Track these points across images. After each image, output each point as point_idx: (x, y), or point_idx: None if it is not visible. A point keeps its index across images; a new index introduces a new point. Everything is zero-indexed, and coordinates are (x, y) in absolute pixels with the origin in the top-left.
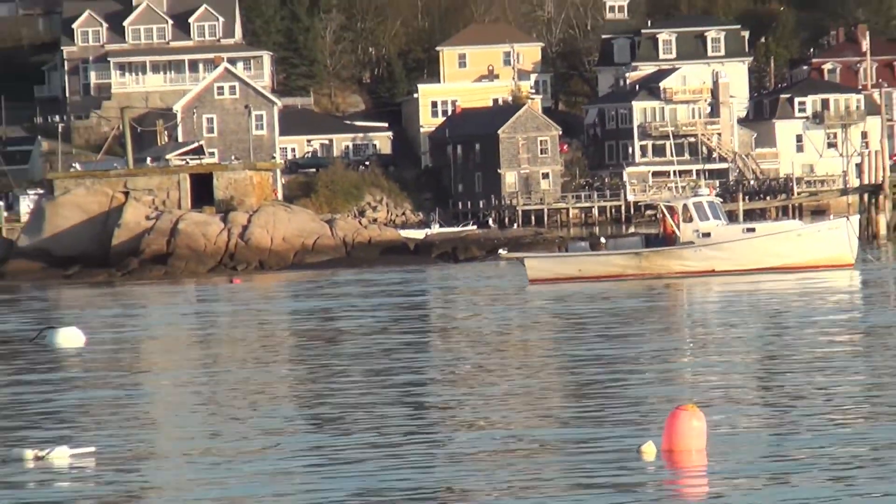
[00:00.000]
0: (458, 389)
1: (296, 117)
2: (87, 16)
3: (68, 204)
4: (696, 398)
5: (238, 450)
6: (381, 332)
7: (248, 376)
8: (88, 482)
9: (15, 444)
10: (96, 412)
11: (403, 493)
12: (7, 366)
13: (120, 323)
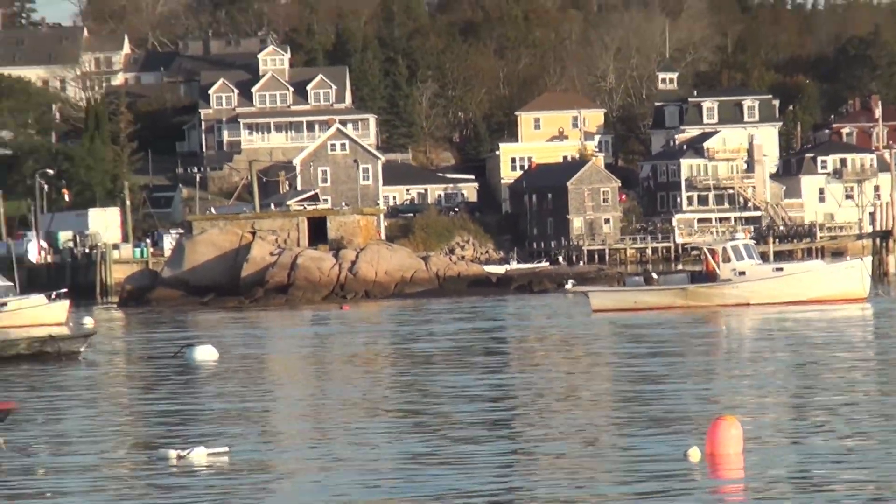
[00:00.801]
0: (533, 399)
1: (396, 170)
2: (221, 83)
3: (204, 242)
4: (733, 410)
5: (347, 452)
6: (469, 351)
7: (355, 388)
8: (222, 478)
9: (161, 445)
10: (228, 417)
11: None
12: (154, 377)
13: (248, 342)
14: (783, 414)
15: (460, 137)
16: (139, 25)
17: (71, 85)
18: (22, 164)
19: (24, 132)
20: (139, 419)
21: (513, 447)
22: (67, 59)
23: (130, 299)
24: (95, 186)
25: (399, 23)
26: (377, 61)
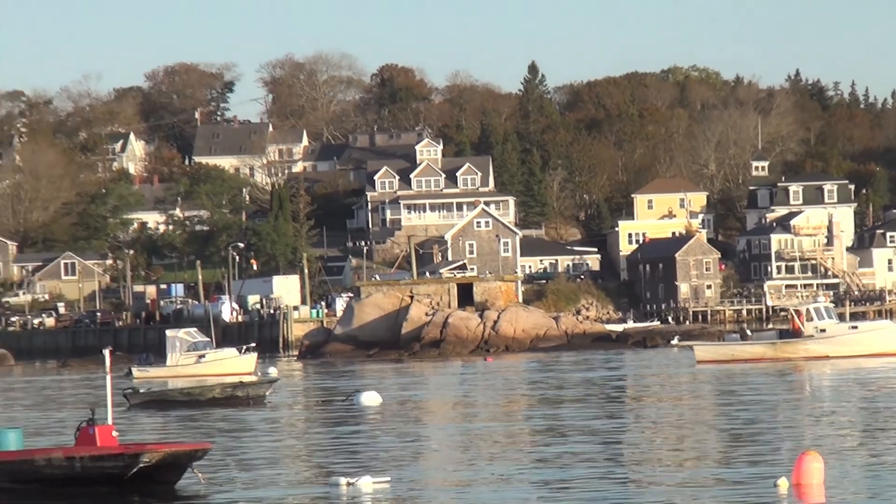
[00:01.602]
0: (647, 434)
1: (532, 243)
2: (384, 170)
3: (370, 304)
4: (816, 446)
5: (494, 478)
6: (594, 395)
7: (498, 426)
8: (386, 502)
9: (333, 473)
10: (390, 451)
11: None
12: (327, 417)
13: (407, 388)
14: (859, 450)
15: (585, 216)
16: (316, 122)
17: (258, 172)
18: (217, 238)
19: (220, 211)
20: (315, 452)
21: (629, 476)
22: (255, 150)
23: (308, 352)
24: (279, 257)
25: (534, 119)
26: (515, 152)
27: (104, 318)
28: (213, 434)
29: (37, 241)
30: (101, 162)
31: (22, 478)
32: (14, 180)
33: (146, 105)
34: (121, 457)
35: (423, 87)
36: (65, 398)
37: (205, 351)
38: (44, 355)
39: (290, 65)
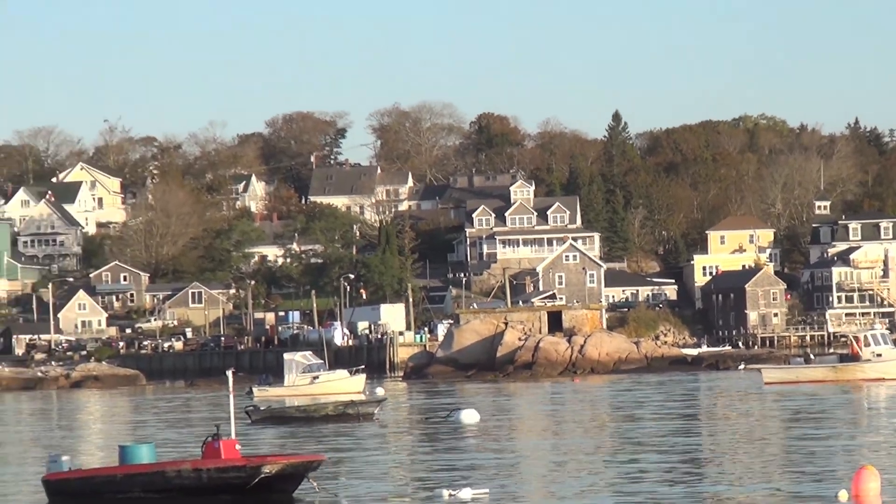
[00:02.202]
0: (720, 449)
1: (615, 275)
2: (482, 209)
3: (469, 330)
4: (873, 460)
5: (584, 490)
6: (672, 413)
7: (587, 442)
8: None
9: (436, 485)
10: (488, 465)
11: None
12: (430, 433)
13: (503, 407)
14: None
15: (664, 250)
16: (420, 165)
17: (367, 210)
18: (330, 269)
19: (332, 246)
20: (419, 465)
21: (702, 490)
22: (365, 190)
23: (412, 374)
24: (386, 287)
25: (617, 163)
26: (601, 192)
27: (227, 343)
28: (326, 448)
29: (167, 272)
30: (225, 201)
31: (154, 488)
32: (147, 217)
33: (266, 149)
34: (243, 468)
35: (517, 133)
36: (192, 415)
37: (319, 372)
38: (173, 376)
39: (397, 113)
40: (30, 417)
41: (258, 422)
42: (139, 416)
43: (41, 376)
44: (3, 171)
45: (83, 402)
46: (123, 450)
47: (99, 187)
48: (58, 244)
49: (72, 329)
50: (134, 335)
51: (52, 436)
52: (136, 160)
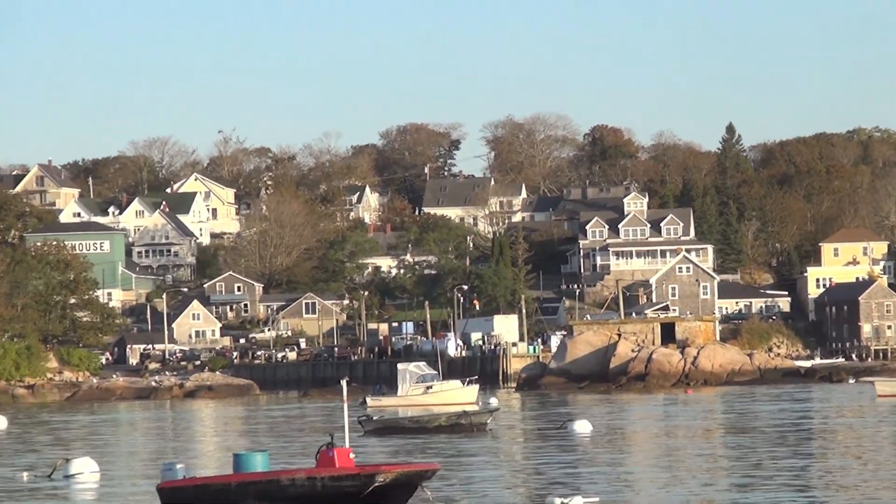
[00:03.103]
0: (835, 458)
1: (728, 287)
2: (595, 220)
3: (582, 341)
4: None
5: (697, 500)
6: (785, 424)
7: (699, 452)
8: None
9: (548, 494)
10: (600, 474)
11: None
12: (543, 444)
13: (615, 418)
14: None
15: (777, 262)
16: (533, 176)
17: (481, 221)
18: (443, 280)
19: (446, 257)
20: (532, 475)
21: (818, 497)
22: (479, 201)
23: (525, 384)
24: (499, 298)
25: (730, 175)
26: (714, 204)
27: (341, 353)
28: (439, 457)
29: (281, 282)
30: (339, 212)
31: (269, 497)
32: (261, 228)
33: (380, 161)
34: (358, 476)
35: (630, 145)
36: (306, 424)
37: (432, 382)
38: (286, 386)
39: (511, 125)
40: (144, 427)
41: (371, 431)
42: (252, 426)
43: (155, 386)
44: (119, 181)
45: (197, 411)
46: (238, 458)
47: (213, 198)
48: (172, 254)
49: (186, 339)
50: (247, 345)
51: (166, 445)
52: (251, 171)
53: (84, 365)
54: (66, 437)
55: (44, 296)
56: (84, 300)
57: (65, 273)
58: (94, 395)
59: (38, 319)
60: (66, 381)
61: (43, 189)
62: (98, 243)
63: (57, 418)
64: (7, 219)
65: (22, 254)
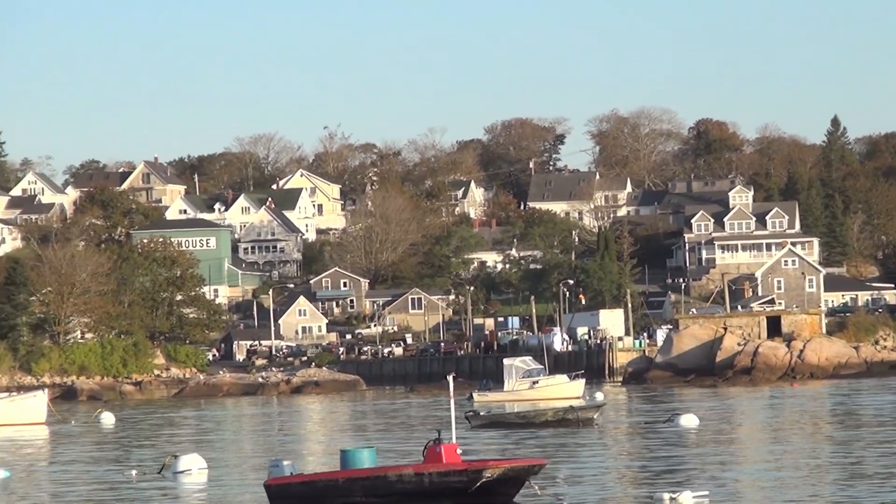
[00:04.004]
0: None
1: (834, 280)
2: (700, 214)
3: (687, 335)
4: None
5: (807, 496)
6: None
7: (805, 446)
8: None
9: (657, 490)
10: (708, 468)
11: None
12: (650, 438)
13: (722, 412)
14: None
15: (883, 255)
16: (638, 170)
17: (586, 215)
18: (549, 275)
19: (551, 251)
20: (639, 469)
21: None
22: (584, 196)
23: (631, 379)
24: (605, 293)
25: (836, 167)
26: (819, 197)
27: (447, 348)
28: (546, 453)
29: (387, 278)
30: (444, 207)
31: (376, 492)
32: (367, 224)
33: (485, 156)
34: (465, 472)
35: (735, 138)
36: (412, 420)
37: (538, 377)
38: (392, 381)
39: (616, 119)
40: (251, 423)
41: (478, 426)
42: (359, 421)
43: (262, 382)
44: (224, 178)
45: (303, 407)
46: (345, 454)
47: (319, 194)
48: (278, 251)
49: (292, 335)
50: (354, 341)
51: (273, 441)
52: (356, 167)
53: (191, 361)
54: (173, 433)
55: (150, 293)
56: (191, 297)
57: (171, 270)
58: (201, 391)
59: (145, 316)
60: (173, 377)
61: (149, 186)
62: (204, 240)
63: (164, 415)
64: (114, 216)
65: (129, 251)
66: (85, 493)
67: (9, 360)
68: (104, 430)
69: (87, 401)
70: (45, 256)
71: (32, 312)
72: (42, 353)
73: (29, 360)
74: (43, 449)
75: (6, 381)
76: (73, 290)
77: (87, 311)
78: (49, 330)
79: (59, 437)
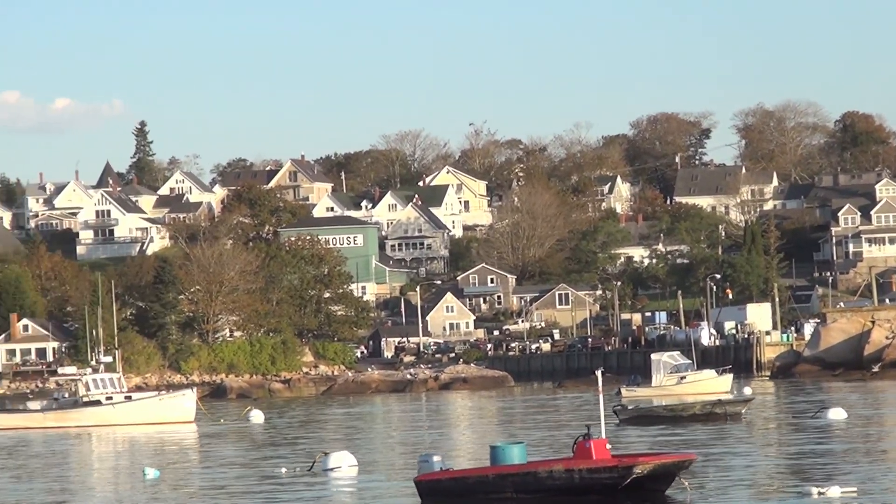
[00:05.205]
0: None
1: None
2: (847, 207)
3: (835, 328)
4: None
5: None
6: None
7: None
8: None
9: (805, 484)
10: (857, 463)
11: None
12: (798, 432)
13: (870, 406)
14: None
15: None
16: (784, 164)
17: (732, 210)
18: (696, 270)
19: (698, 246)
20: (788, 464)
21: None
22: (730, 190)
23: (778, 373)
24: (751, 287)
25: None
26: None
27: (594, 343)
28: (694, 447)
29: (533, 274)
30: (590, 202)
31: (525, 489)
32: (513, 220)
33: (631, 151)
34: (615, 468)
35: (881, 131)
36: (560, 416)
37: (686, 372)
38: (540, 377)
39: (761, 113)
40: (400, 419)
41: (626, 422)
42: (508, 417)
43: (410, 378)
44: (371, 175)
45: (452, 403)
46: (495, 450)
47: (465, 190)
48: (425, 247)
49: (440, 331)
50: (501, 337)
51: (423, 437)
52: (502, 163)
53: (339, 358)
54: (322, 430)
55: (298, 290)
56: (338, 294)
57: (319, 267)
58: (350, 388)
59: (293, 314)
60: (322, 374)
61: (296, 184)
62: (351, 237)
63: (313, 412)
64: (261, 214)
65: (276, 249)
66: (235, 491)
67: (158, 359)
68: (253, 428)
69: (236, 399)
70: (193, 255)
71: (181, 311)
72: (191, 351)
73: (178, 359)
74: (192, 448)
75: (156, 380)
76: (221, 288)
77: (235, 310)
78: (198, 328)
79: (208, 436)
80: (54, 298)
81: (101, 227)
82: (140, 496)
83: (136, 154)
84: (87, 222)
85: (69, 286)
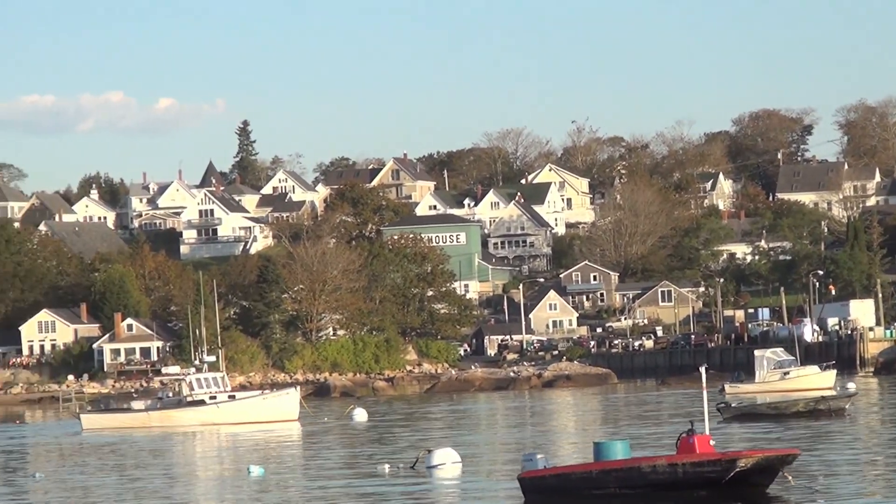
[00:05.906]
0: None
1: None
2: None
3: None
4: None
5: None
6: None
7: None
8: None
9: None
10: None
11: None
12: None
13: None
14: None
15: None
16: (886, 160)
17: (835, 206)
18: (798, 266)
19: (800, 242)
20: (894, 460)
21: None
22: (832, 186)
23: (882, 369)
24: (855, 283)
25: None
26: None
27: (698, 340)
28: (798, 443)
29: (636, 271)
30: (693, 199)
31: (629, 484)
32: (615, 217)
33: (733, 147)
34: (719, 462)
35: None
36: (663, 412)
37: (790, 368)
38: (643, 374)
39: (864, 109)
40: (504, 417)
41: (729, 418)
42: (611, 414)
43: (513, 376)
44: (473, 173)
45: (555, 400)
46: (598, 446)
47: (567, 188)
48: (527, 245)
49: (543, 329)
50: (604, 334)
51: (526, 435)
52: (604, 160)
53: (442, 356)
54: (426, 428)
55: (401, 289)
56: (441, 292)
57: (422, 266)
58: (453, 386)
59: (397, 312)
60: (425, 373)
61: (399, 182)
62: (454, 235)
63: (417, 410)
64: (364, 213)
65: (379, 247)
66: (339, 489)
67: (262, 358)
68: (357, 426)
69: (339, 397)
70: (296, 254)
71: (285, 310)
72: (295, 350)
73: (282, 358)
74: (296, 446)
75: (260, 379)
76: (324, 287)
77: (338, 308)
78: (301, 327)
79: (312, 434)
80: (158, 298)
81: (204, 226)
82: (245, 493)
83: (239, 153)
84: (191, 222)
85: (173, 286)
